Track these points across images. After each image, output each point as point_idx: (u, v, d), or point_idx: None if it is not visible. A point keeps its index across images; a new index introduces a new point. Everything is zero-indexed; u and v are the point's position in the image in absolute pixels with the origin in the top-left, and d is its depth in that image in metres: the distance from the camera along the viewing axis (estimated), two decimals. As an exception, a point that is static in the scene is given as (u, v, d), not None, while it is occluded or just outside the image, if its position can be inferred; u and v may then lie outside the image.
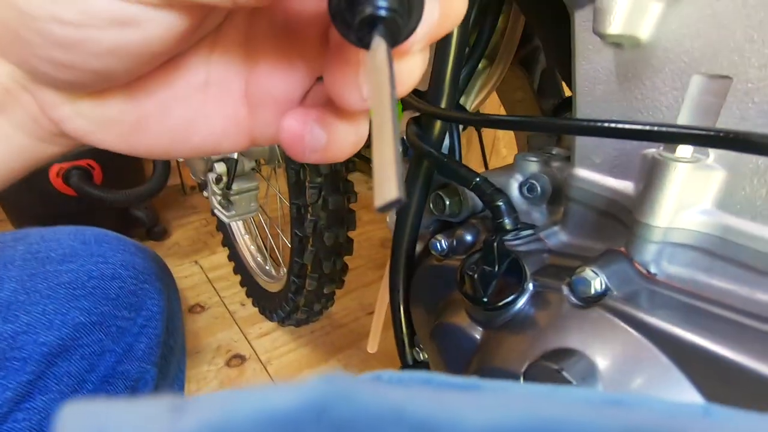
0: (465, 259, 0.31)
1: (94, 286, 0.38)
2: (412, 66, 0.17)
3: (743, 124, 0.22)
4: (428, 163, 0.38)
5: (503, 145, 1.81)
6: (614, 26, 0.24)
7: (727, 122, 0.23)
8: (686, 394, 0.21)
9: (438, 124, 0.36)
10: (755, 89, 0.21)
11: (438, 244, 0.36)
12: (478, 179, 0.32)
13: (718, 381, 0.21)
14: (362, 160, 1.80)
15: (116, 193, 1.15)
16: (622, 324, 0.24)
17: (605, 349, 0.24)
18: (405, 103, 0.36)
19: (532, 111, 0.51)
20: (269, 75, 0.20)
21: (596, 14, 0.24)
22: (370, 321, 1.22)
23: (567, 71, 0.48)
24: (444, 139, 0.38)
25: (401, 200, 0.09)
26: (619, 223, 0.29)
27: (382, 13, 0.11)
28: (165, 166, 1.23)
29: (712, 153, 0.24)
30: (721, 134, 0.19)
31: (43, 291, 0.35)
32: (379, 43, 0.12)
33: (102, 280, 0.39)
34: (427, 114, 0.36)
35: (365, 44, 0.12)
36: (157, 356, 0.42)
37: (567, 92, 0.53)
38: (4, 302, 0.34)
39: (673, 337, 0.22)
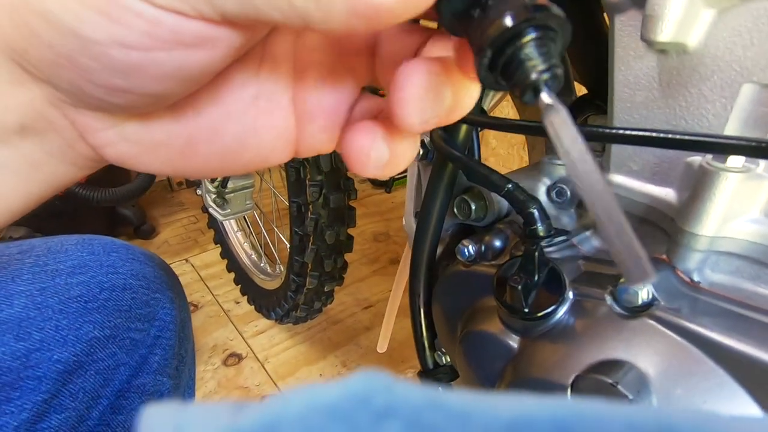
0: (502, 268, 0.31)
1: (106, 299, 0.36)
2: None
3: (797, 135, 0.22)
4: (452, 166, 0.37)
5: (492, 136, 1.81)
6: (665, 34, 0.23)
7: (779, 132, 0.23)
8: (743, 404, 0.22)
9: (464, 127, 0.36)
10: (812, 100, 0.21)
11: (465, 250, 0.36)
12: (510, 186, 0.32)
13: (775, 392, 0.21)
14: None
15: (103, 192, 1.11)
16: (672, 334, 0.24)
17: (656, 360, 0.24)
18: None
19: (546, 109, 0.51)
20: (318, 86, 0.19)
21: (646, 21, 0.24)
22: (366, 316, 1.22)
23: (583, 69, 0.47)
24: (469, 142, 0.37)
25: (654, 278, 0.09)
26: (657, 229, 0.29)
27: (547, 75, 0.11)
28: (152, 162, 1.19)
29: (763, 162, 0.24)
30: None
31: (54, 306, 0.33)
32: (552, 108, 0.11)
33: (113, 292, 0.37)
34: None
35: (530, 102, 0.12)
36: (172, 368, 0.41)
37: (579, 90, 0.53)
38: (15, 319, 0.32)
39: (726, 347, 0.23)
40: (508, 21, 0.11)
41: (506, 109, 1.38)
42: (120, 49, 0.13)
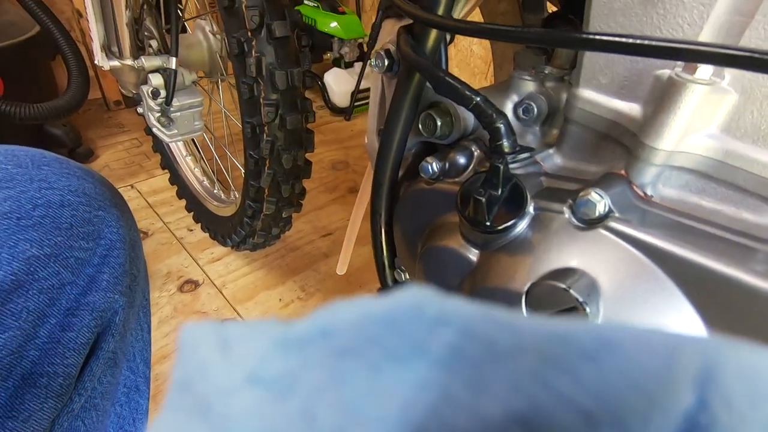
0: (466, 183, 0.30)
1: (42, 215, 0.33)
2: None
3: (767, 45, 0.22)
4: (419, 78, 0.35)
5: (455, 64, 1.76)
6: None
7: (749, 42, 0.22)
8: (680, 305, 0.23)
9: (433, 34, 0.33)
10: (786, 9, 0.21)
11: (429, 167, 0.35)
12: (478, 99, 0.30)
13: (707, 289, 0.23)
14: (313, 77, 1.68)
15: (27, 108, 0.99)
16: (623, 243, 0.25)
17: (606, 267, 0.25)
18: (398, 10, 0.32)
19: (515, 24, 0.49)
20: None
21: None
22: (324, 243, 1.23)
23: (557, -17, 0.45)
24: (438, 52, 0.35)
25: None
26: (618, 145, 0.29)
27: None
28: (83, 75, 1.06)
29: (728, 76, 0.24)
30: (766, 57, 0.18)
31: None
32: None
33: (50, 209, 0.34)
34: (422, 23, 0.32)
35: None
36: (124, 285, 0.40)
37: (550, 8, 0.50)
38: None
39: (670, 254, 0.24)
40: None
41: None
42: None
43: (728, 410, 0.08)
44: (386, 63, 0.38)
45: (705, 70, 0.23)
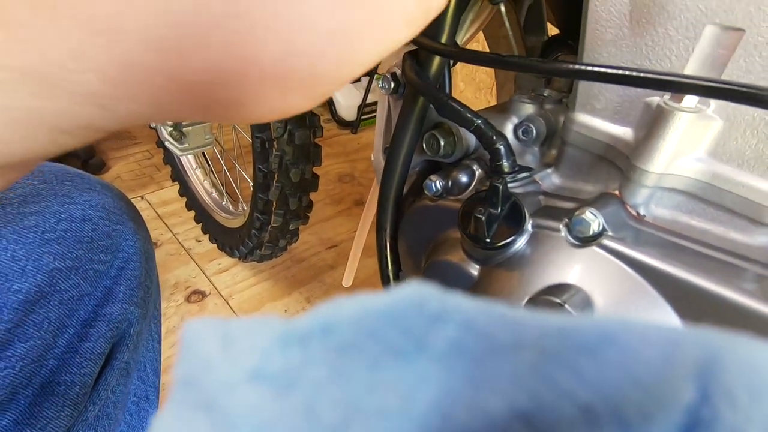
0: (467, 201, 0.32)
1: (65, 230, 0.35)
2: None
3: (747, 77, 0.23)
4: (423, 101, 0.37)
5: (460, 79, 1.79)
6: (641, -32, 0.23)
7: (731, 75, 0.24)
8: (671, 321, 0.25)
9: (437, 60, 0.35)
10: (765, 43, 0.22)
11: (433, 185, 0.37)
12: (479, 121, 0.32)
13: (697, 307, 0.24)
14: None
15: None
16: (615, 260, 0.26)
17: (600, 283, 0.26)
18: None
19: (517, 48, 0.51)
20: None
21: (624, -47, 0.23)
22: (330, 255, 1.24)
23: (556, 10, 0.47)
24: (442, 76, 0.37)
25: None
26: (612, 167, 0.30)
27: None
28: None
29: (713, 104, 0.25)
30: (743, 89, 0.20)
31: (8, 236, 0.32)
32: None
33: (72, 223, 0.36)
34: (426, 50, 0.34)
35: None
36: (138, 297, 0.41)
37: (551, 30, 0.52)
38: None
39: (661, 271, 0.25)
40: None
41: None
42: None
43: (731, 405, 0.08)
44: (392, 86, 0.40)
45: (691, 99, 0.25)
